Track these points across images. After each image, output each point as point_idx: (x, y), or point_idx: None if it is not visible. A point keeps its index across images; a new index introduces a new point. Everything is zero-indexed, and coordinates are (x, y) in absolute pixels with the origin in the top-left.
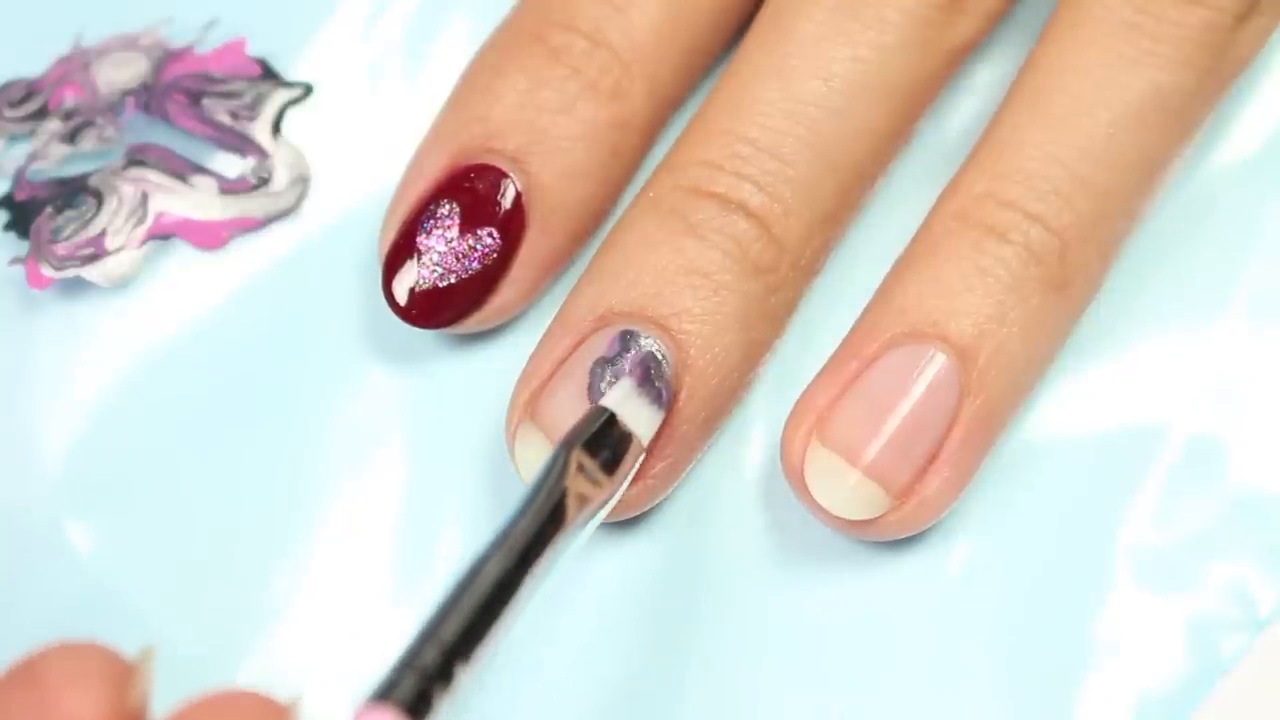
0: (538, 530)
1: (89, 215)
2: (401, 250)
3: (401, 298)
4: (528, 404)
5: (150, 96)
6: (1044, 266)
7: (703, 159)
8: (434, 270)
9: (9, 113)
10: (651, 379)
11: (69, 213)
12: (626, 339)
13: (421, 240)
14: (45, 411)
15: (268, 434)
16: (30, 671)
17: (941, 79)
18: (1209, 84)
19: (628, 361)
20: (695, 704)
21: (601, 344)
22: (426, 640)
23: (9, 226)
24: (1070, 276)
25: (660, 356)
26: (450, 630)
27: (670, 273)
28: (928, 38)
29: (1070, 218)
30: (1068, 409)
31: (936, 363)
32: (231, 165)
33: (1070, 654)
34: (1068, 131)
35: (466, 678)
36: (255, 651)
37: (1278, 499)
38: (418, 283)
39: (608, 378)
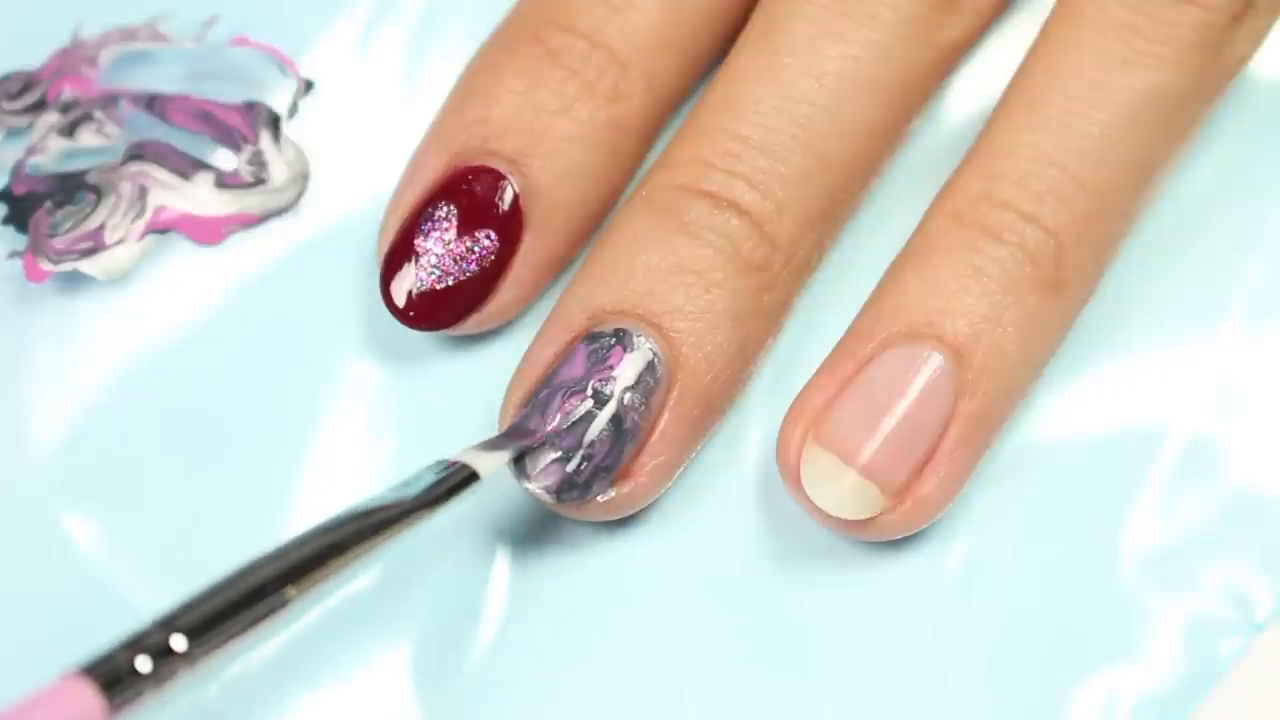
0: (329, 544)
1: (88, 210)
2: (399, 252)
3: (399, 299)
4: (520, 404)
5: (151, 98)
6: (1039, 267)
7: (695, 157)
8: (431, 272)
9: (7, 105)
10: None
11: (68, 208)
12: (593, 354)
13: (419, 242)
14: (42, 406)
15: (263, 432)
16: None
17: (935, 77)
18: (1204, 84)
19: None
20: (692, 703)
21: (576, 361)
22: (166, 622)
23: (7, 220)
24: (1066, 277)
25: (653, 355)
26: (184, 618)
27: (662, 271)
28: (920, 35)
29: (1065, 218)
30: (1067, 411)
31: (932, 363)
32: (229, 161)
33: (1068, 655)
34: (1063, 132)
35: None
36: None
37: (1276, 501)
38: (415, 285)
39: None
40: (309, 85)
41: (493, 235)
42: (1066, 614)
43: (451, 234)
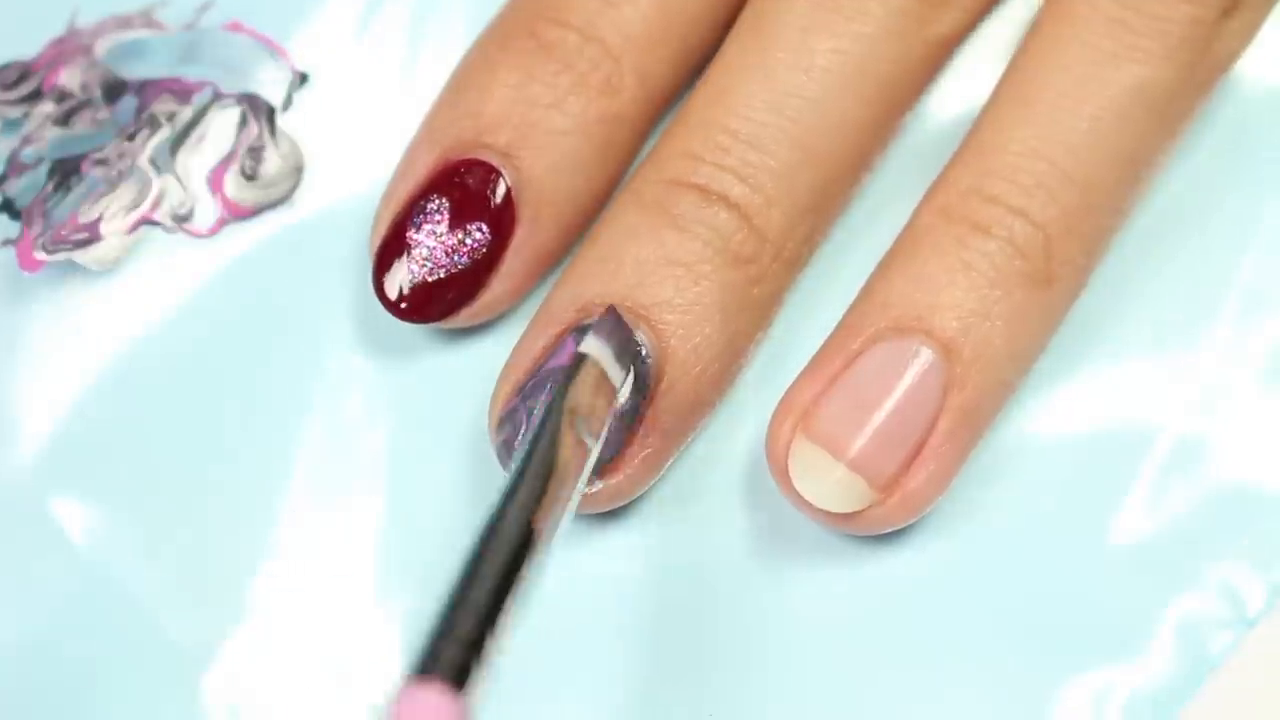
0: (544, 485)
1: (82, 199)
2: (392, 245)
3: (392, 292)
4: (509, 395)
5: (144, 86)
6: (1028, 260)
7: (685, 151)
8: (423, 265)
9: (2, 95)
10: (621, 332)
11: (61, 196)
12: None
13: (412, 235)
14: (35, 395)
15: (257, 424)
16: None
17: (926, 71)
18: (1193, 79)
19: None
20: (681, 699)
21: (564, 354)
22: (460, 609)
23: (1, 209)
24: (1055, 271)
25: (639, 346)
26: (480, 598)
27: (651, 264)
28: (909, 29)
29: (1054, 212)
30: (1058, 408)
31: (921, 357)
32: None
33: (1059, 652)
34: (1051, 127)
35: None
36: (236, 639)
37: (1267, 498)
38: (408, 277)
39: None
40: (304, 78)
41: (484, 228)
42: (1057, 611)
43: (443, 227)
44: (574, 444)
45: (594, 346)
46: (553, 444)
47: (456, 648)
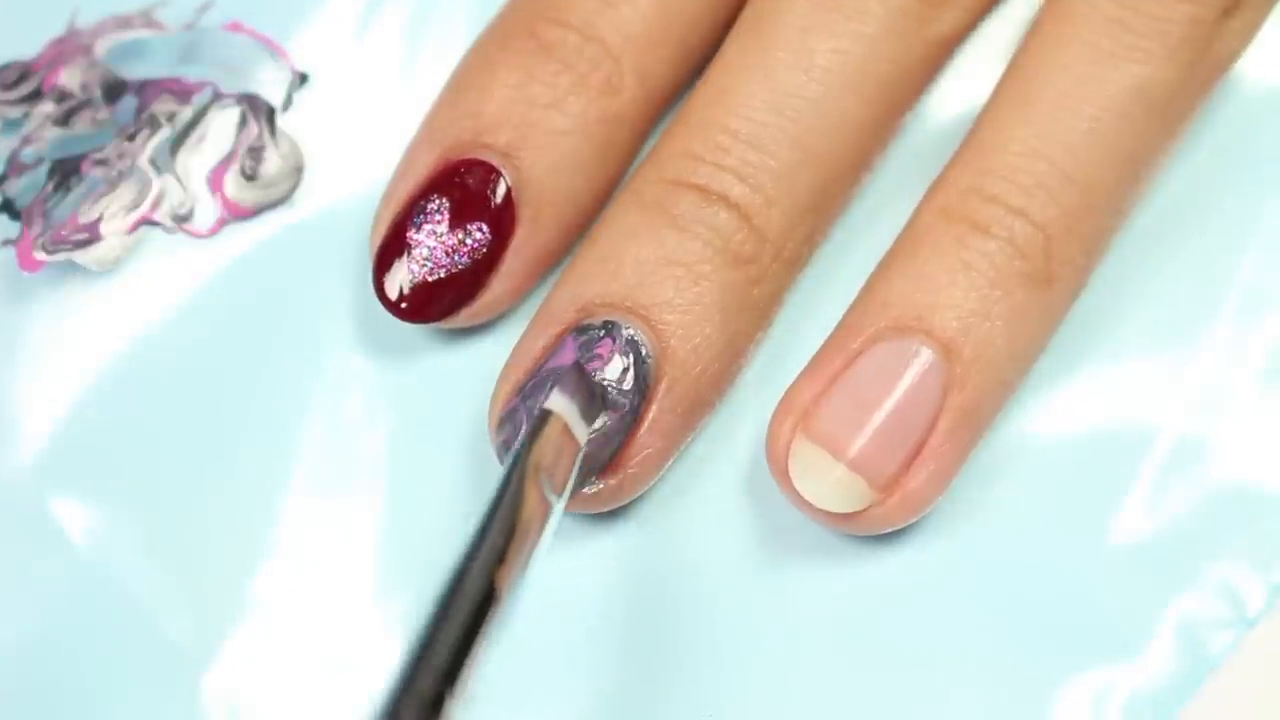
0: (507, 543)
1: (82, 199)
2: (392, 245)
3: (392, 293)
4: (509, 396)
5: (144, 85)
6: (1028, 260)
7: (685, 151)
8: (424, 265)
9: (2, 95)
10: (587, 387)
11: (61, 196)
12: (582, 346)
13: (412, 235)
14: (33, 395)
15: (257, 424)
16: None
17: (926, 71)
18: (1193, 79)
19: (562, 373)
20: (681, 699)
21: (565, 353)
22: (420, 667)
23: (1, 209)
24: (1055, 271)
25: (639, 346)
26: (441, 655)
27: (651, 264)
28: (910, 29)
29: (1054, 212)
30: (1058, 408)
31: (921, 357)
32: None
33: (1059, 652)
34: (1051, 127)
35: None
36: (236, 639)
37: (1267, 498)
38: (408, 277)
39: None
40: (304, 78)
41: (484, 228)
42: (1057, 611)
43: (444, 227)
44: (538, 500)
45: (559, 403)
46: (516, 500)
47: (416, 707)
